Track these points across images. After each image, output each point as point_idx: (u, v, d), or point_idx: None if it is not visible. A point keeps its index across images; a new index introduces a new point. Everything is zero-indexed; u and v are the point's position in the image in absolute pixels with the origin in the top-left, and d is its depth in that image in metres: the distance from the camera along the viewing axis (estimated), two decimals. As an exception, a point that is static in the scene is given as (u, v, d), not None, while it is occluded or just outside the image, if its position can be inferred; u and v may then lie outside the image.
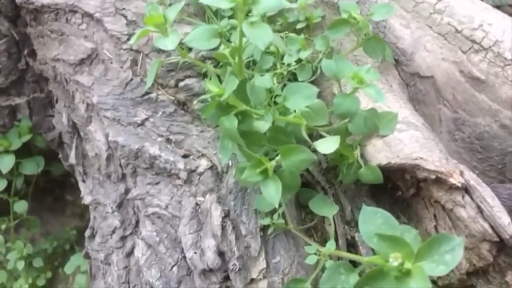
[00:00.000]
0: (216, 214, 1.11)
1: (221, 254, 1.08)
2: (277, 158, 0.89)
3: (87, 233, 1.48)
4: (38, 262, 2.00)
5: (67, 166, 1.84)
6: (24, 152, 1.91)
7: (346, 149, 1.01)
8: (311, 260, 0.98)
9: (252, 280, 1.08)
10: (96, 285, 1.41)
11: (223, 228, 1.09)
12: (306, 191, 1.16)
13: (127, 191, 1.36)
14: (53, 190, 2.26)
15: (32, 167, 1.88)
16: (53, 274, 2.14)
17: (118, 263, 1.25)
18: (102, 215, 1.36)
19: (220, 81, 0.92)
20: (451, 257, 0.75)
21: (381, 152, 1.05)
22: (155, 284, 1.13)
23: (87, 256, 1.56)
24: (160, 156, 1.23)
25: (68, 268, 1.86)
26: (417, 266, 0.74)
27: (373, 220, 0.80)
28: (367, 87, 0.93)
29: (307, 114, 0.98)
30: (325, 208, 1.06)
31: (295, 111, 0.95)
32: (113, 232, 1.31)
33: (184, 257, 1.14)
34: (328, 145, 0.91)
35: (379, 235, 0.74)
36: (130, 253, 1.26)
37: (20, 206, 1.94)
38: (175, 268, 1.13)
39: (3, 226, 1.98)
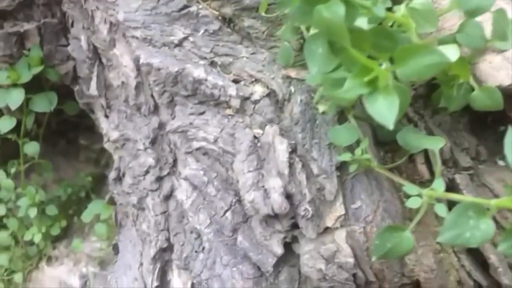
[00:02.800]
0: (282, 148, 0.88)
1: (288, 197, 0.86)
2: (385, 65, 0.65)
3: (112, 175, 1.25)
4: (51, 210, 1.78)
5: (82, 104, 1.59)
6: (34, 87, 1.66)
7: (458, 65, 0.77)
8: (413, 203, 0.76)
9: (327, 229, 0.86)
10: (124, 233, 1.20)
11: (290, 165, 0.87)
12: (387, 124, 0.92)
13: (161, 125, 1.12)
14: (65, 133, 2.02)
15: (44, 104, 1.63)
16: (67, 224, 1.93)
17: (154, 208, 1.03)
18: (132, 153, 1.13)
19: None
20: None
21: (500, 70, 0.81)
22: (204, 232, 0.92)
23: (111, 201, 1.35)
24: (206, 80, 0.98)
25: (86, 217, 1.63)
26: None
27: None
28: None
29: (413, 15, 0.74)
30: (424, 140, 0.83)
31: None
32: (147, 172, 1.08)
33: (239, 200, 0.92)
34: (449, 53, 0.67)
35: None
36: (168, 196, 1.03)
37: (31, 148, 1.71)
38: (228, 214, 0.91)
39: (13, 170, 1.75)
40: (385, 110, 0.62)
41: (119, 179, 1.24)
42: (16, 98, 1.55)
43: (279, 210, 0.83)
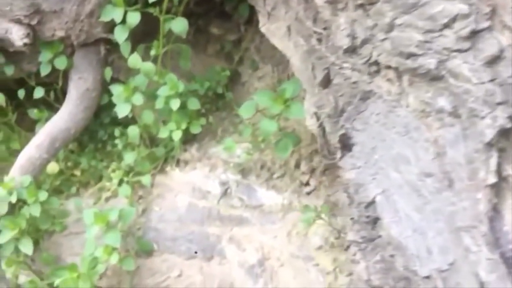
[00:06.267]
0: None
1: None
2: None
3: (344, 43, 0.88)
4: (193, 103, 1.43)
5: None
6: None
7: None
8: None
9: None
10: (365, 119, 0.84)
11: None
12: None
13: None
14: (196, 18, 1.63)
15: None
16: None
17: (476, 74, 0.67)
18: (404, 3, 0.75)
19: None
20: None
21: None
22: None
23: (325, 83, 0.98)
24: None
25: (246, 111, 1.28)
26: None
27: None
28: None
29: None
30: None
31: None
32: (446, 26, 0.71)
33: None
34: None
35: None
36: (496, 58, 0.67)
37: (179, 25, 1.32)
38: None
39: (152, 52, 1.38)
40: None
41: (353, 49, 0.88)
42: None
43: None
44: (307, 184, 1.43)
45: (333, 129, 0.95)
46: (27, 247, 1.45)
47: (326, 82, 0.95)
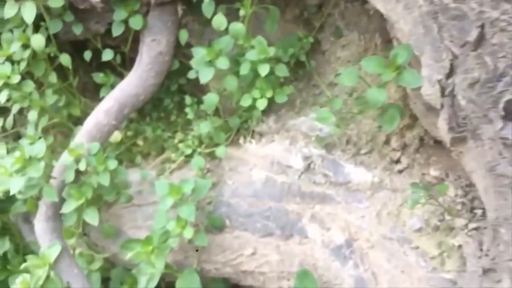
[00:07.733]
0: None
1: None
2: None
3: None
4: (281, 70, 1.29)
5: None
6: None
7: None
8: None
9: None
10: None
11: None
12: None
13: None
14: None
15: None
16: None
17: None
18: None
19: None
20: None
21: None
22: None
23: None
24: None
25: (348, 78, 1.13)
26: None
27: None
28: None
29: None
30: None
31: None
32: None
33: None
34: None
35: None
36: None
37: (275, -19, 1.18)
38: None
39: (242, 12, 1.24)
40: None
41: None
42: None
43: None
44: (398, 161, 1.30)
45: (482, 97, 0.82)
46: (92, 217, 1.33)
47: (478, 42, 0.81)
